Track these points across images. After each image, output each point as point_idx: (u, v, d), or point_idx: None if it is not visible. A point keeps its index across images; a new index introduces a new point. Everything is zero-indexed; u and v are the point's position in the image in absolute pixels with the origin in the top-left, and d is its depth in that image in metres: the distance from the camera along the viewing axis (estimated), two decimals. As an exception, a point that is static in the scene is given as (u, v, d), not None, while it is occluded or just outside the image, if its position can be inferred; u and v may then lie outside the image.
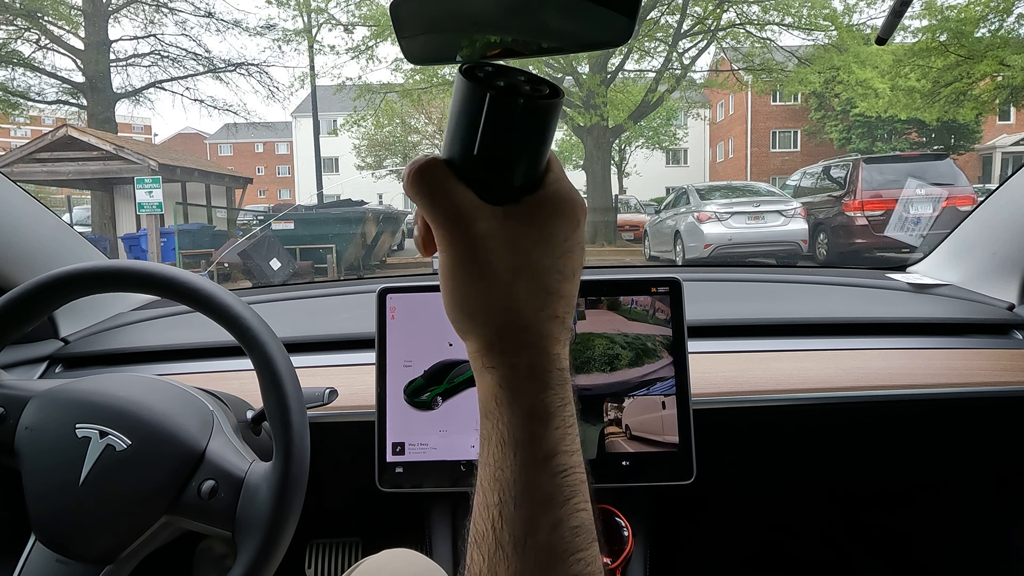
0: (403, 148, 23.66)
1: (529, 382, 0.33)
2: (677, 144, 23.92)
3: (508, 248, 0.33)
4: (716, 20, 12.79)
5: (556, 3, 0.32)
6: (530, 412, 0.32)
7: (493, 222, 0.33)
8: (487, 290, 0.33)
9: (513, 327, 0.33)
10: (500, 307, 0.33)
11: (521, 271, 0.33)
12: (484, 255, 0.33)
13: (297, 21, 13.82)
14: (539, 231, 0.34)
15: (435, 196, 0.33)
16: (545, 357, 0.34)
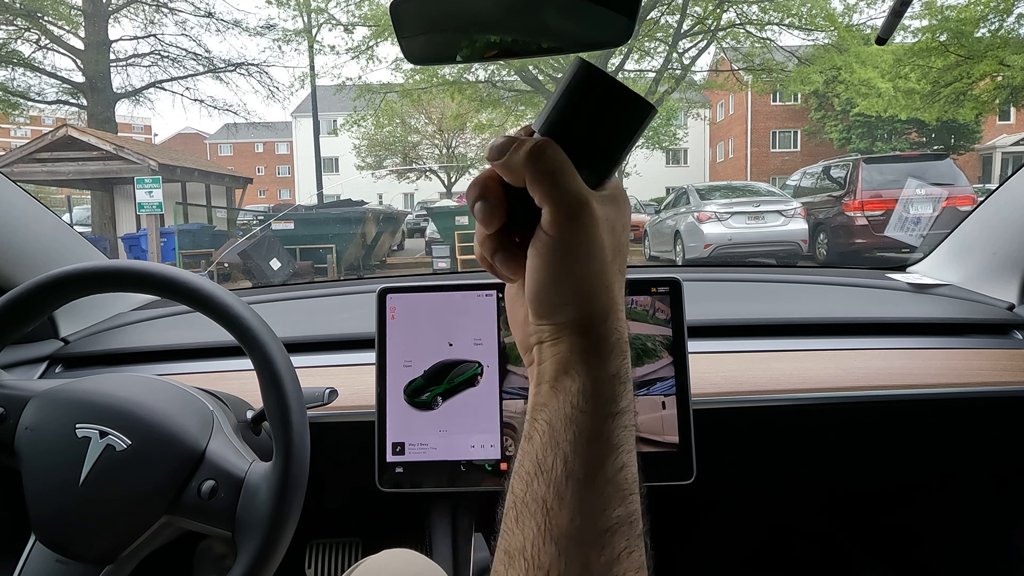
0: (403, 148, 23.67)
1: (617, 349, 0.37)
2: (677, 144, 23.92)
3: (610, 231, 0.37)
4: (716, 20, 12.79)
5: (556, 3, 0.32)
6: (615, 374, 0.37)
7: (602, 206, 0.37)
8: (596, 269, 0.36)
9: (607, 301, 0.37)
10: (601, 284, 0.37)
11: (617, 252, 0.38)
12: (600, 236, 0.36)
13: (297, 21, 13.84)
14: (622, 216, 0.38)
15: (562, 176, 0.35)
16: (622, 331, 0.38)
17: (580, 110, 0.35)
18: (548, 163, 0.35)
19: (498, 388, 0.86)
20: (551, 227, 0.36)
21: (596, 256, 0.36)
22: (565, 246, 0.36)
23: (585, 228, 0.36)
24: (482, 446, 0.85)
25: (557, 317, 0.37)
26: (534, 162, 0.35)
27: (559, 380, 0.36)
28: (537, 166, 0.35)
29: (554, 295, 0.37)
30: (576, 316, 0.37)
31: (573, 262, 0.36)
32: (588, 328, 0.37)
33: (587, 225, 0.36)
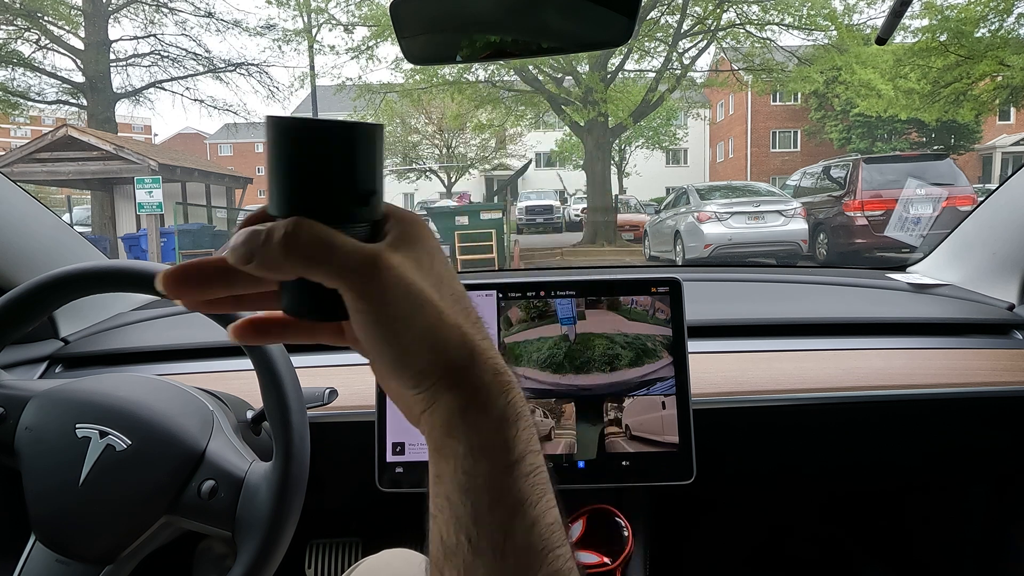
0: (403, 148, 23.67)
1: (496, 390, 0.33)
2: (677, 144, 23.95)
3: (418, 269, 0.32)
4: (716, 20, 12.79)
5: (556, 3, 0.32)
6: (500, 418, 0.33)
7: (393, 252, 0.32)
8: (427, 320, 0.32)
9: (462, 344, 0.33)
10: (444, 331, 0.32)
11: (442, 284, 0.33)
12: (410, 283, 0.32)
13: (297, 21, 13.84)
14: (423, 244, 0.34)
15: (331, 248, 0.30)
16: (496, 361, 0.34)
17: (297, 168, 0.30)
18: (309, 243, 0.30)
19: (498, 388, 0.85)
20: (354, 303, 0.31)
21: (418, 306, 0.32)
22: (379, 314, 0.31)
23: (388, 286, 0.31)
24: (482, 446, 0.85)
25: (418, 383, 0.33)
26: (294, 249, 0.30)
27: (446, 445, 0.33)
28: (300, 252, 0.30)
29: (399, 365, 0.33)
30: (436, 374, 0.33)
31: (397, 326, 0.32)
32: (454, 382, 0.33)
33: (388, 282, 0.31)
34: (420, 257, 0.33)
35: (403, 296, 0.31)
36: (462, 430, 0.33)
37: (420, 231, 0.34)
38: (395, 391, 0.35)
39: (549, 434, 0.84)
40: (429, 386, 0.33)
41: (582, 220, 14.78)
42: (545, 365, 0.85)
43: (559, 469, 0.84)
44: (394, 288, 0.31)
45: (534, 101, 13.65)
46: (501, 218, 9.75)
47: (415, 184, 25.64)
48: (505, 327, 0.87)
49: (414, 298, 0.32)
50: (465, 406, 0.33)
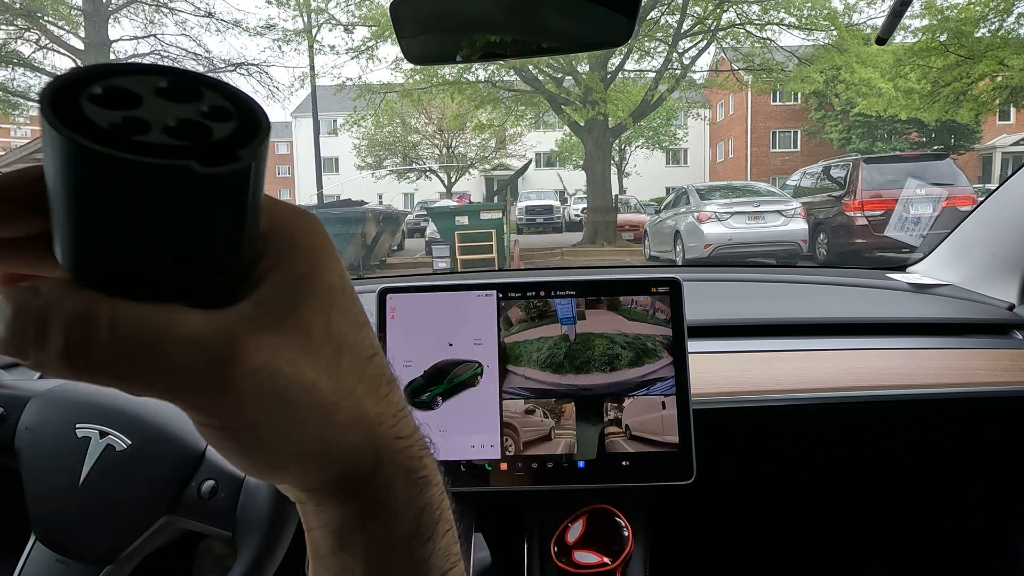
0: (403, 148, 23.68)
1: (407, 495, 0.25)
2: (677, 144, 23.95)
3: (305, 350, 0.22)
4: (716, 20, 12.79)
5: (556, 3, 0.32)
6: (411, 533, 0.25)
7: (255, 336, 0.20)
8: (313, 425, 0.22)
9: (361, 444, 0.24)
10: (338, 431, 0.23)
11: (336, 362, 0.23)
12: (288, 386, 0.21)
13: (297, 21, 13.84)
14: (314, 292, 0.22)
15: (151, 354, 0.19)
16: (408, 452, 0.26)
17: (100, 207, 0.17)
18: (111, 346, 0.18)
19: (498, 388, 0.86)
20: (196, 420, 0.21)
21: (298, 413, 0.22)
22: (237, 433, 0.21)
23: (248, 396, 0.20)
24: (482, 446, 0.85)
25: (300, 486, 0.25)
26: (84, 358, 0.18)
27: (336, 560, 0.25)
28: (97, 362, 0.18)
29: (270, 476, 0.24)
30: (323, 488, 0.24)
31: (265, 444, 0.22)
32: (352, 492, 0.24)
33: (248, 390, 0.20)
34: (310, 321, 0.22)
35: (276, 406, 0.21)
36: (359, 548, 0.25)
37: (314, 263, 0.22)
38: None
39: (549, 434, 0.84)
40: (311, 491, 0.25)
41: (582, 220, 14.79)
42: (545, 365, 0.85)
43: (559, 469, 0.84)
44: (260, 398, 0.20)
45: (534, 101, 13.66)
46: (501, 218, 9.75)
47: (415, 184, 25.66)
48: (505, 327, 0.87)
49: (294, 404, 0.21)
50: (364, 519, 0.25)
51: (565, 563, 0.81)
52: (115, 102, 0.17)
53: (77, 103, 0.17)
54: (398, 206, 21.42)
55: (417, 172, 24.00)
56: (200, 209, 0.18)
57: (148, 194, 0.17)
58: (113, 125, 0.17)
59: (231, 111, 0.19)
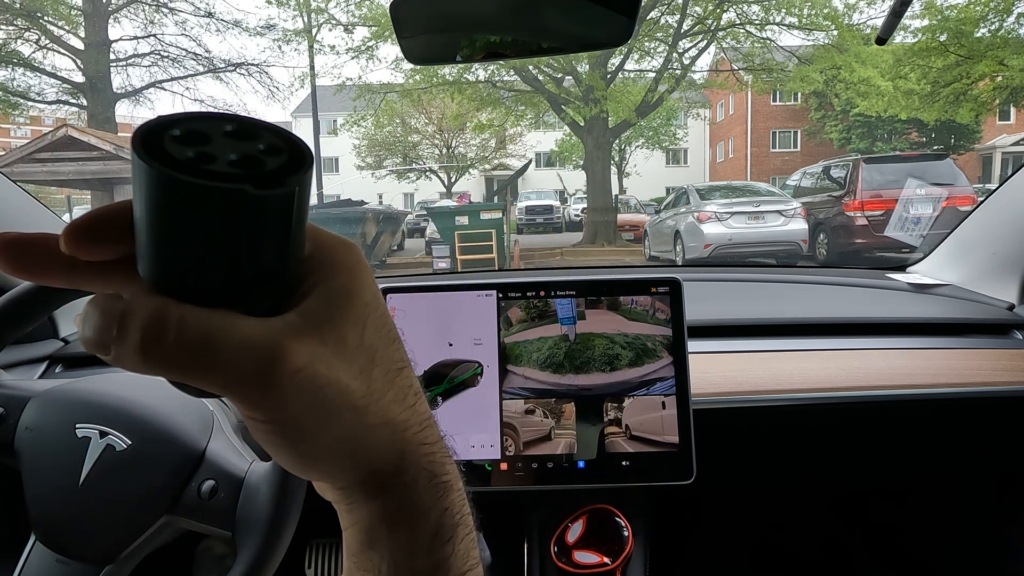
0: (403, 148, 23.68)
1: (429, 496, 0.28)
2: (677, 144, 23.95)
3: (341, 357, 0.25)
4: (716, 20, 12.79)
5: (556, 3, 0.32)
6: (433, 534, 0.27)
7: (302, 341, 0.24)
8: (346, 424, 0.25)
9: (389, 444, 0.27)
10: (368, 431, 0.26)
11: (368, 370, 0.26)
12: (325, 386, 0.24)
13: (297, 21, 13.84)
14: (351, 308, 0.26)
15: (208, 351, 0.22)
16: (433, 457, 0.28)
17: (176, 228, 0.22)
18: (177, 343, 0.22)
19: (498, 388, 0.86)
20: (244, 412, 0.24)
21: (334, 412, 0.25)
22: (279, 426, 0.24)
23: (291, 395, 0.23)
24: (482, 446, 0.85)
25: (332, 484, 0.28)
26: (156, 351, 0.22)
27: (365, 557, 0.28)
28: (165, 356, 0.22)
29: (306, 471, 0.27)
30: (354, 482, 0.27)
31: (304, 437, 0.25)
32: (378, 489, 0.27)
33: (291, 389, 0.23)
34: (346, 332, 0.25)
35: (313, 404, 0.24)
36: (385, 546, 0.27)
37: (352, 282, 0.26)
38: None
39: (549, 434, 0.84)
40: (343, 489, 0.28)
41: (582, 220, 14.78)
42: (545, 365, 0.85)
43: (559, 469, 0.84)
44: (300, 396, 0.24)
45: (534, 101, 13.65)
46: (501, 218, 9.75)
47: (415, 184, 25.66)
48: (505, 327, 0.87)
49: (329, 403, 0.24)
50: (390, 518, 0.27)
51: (565, 563, 0.81)
52: (190, 141, 0.22)
53: (161, 142, 0.21)
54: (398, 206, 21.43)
55: (417, 172, 24.00)
56: (253, 226, 0.22)
57: (212, 213, 0.21)
58: (188, 158, 0.21)
59: (283, 148, 0.23)
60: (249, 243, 0.22)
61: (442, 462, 0.29)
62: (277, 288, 0.25)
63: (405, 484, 0.27)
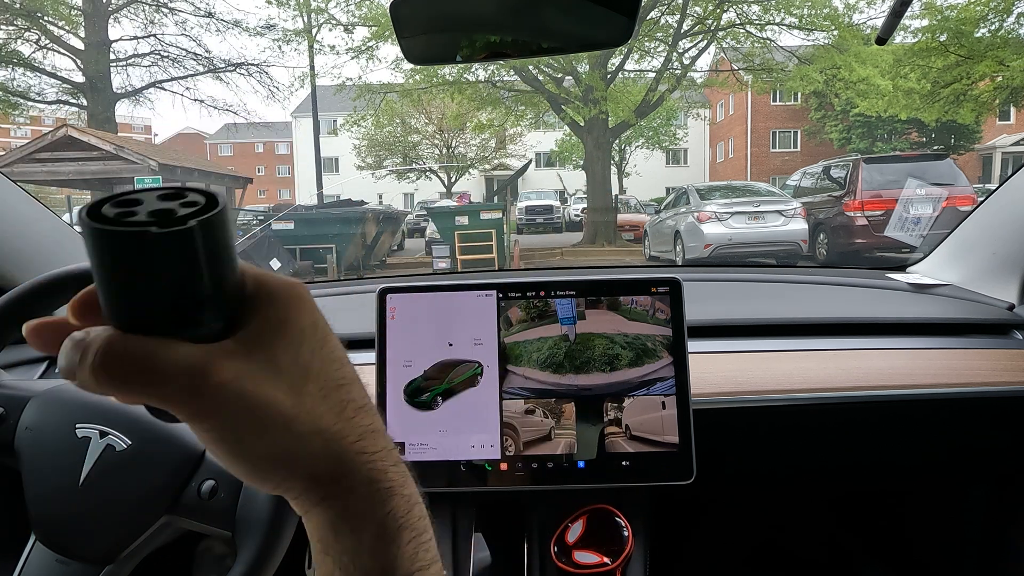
0: (403, 148, 23.68)
1: (370, 501, 0.30)
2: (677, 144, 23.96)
3: (268, 374, 0.28)
4: (716, 20, 12.79)
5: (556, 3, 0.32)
6: (376, 536, 0.30)
7: (231, 360, 0.28)
8: (275, 433, 0.28)
9: (323, 452, 0.29)
10: (298, 440, 0.29)
11: (299, 387, 0.29)
12: (250, 398, 0.28)
13: (297, 21, 13.84)
14: (284, 334, 0.29)
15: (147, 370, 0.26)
16: (373, 465, 0.30)
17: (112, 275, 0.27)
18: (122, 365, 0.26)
19: (498, 388, 0.86)
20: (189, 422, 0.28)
21: (260, 422, 0.28)
22: (216, 433, 0.28)
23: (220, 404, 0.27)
24: (482, 446, 0.85)
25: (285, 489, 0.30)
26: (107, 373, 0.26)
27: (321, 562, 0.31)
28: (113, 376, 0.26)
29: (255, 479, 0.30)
30: (297, 488, 0.30)
31: (240, 445, 0.28)
32: (321, 496, 0.30)
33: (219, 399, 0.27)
34: (276, 354, 0.29)
35: (240, 413, 0.27)
36: (334, 549, 0.30)
37: (288, 312, 0.29)
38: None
39: (549, 434, 0.84)
40: (295, 497, 0.30)
41: (582, 220, 14.78)
42: (545, 365, 0.85)
43: (559, 469, 0.84)
44: (228, 405, 0.27)
45: (534, 101, 13.65)
46: (501, 218, 9.76)
47: (415, 184, 25.66)
48: (505, 327, 0.87)
49: (255, 413, 0.28)
50: (334, 523, 0.30)
51: (565, 563, 0.81)
52: (121, 205, 0.27)
53: (99, 208, 0.27)
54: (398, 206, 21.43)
55: (417, 172, 24.00)
56: (167, 261, 0.26)
57: (134, 254, 0.26)
58: (113, 215, 0.26)
59: (199, 201, 0.27)
60: (168, 276, 0.26)
61: (383, 468, 0.31)
62: (213, 315, 0.28)
63: (345, 490, 0.30)
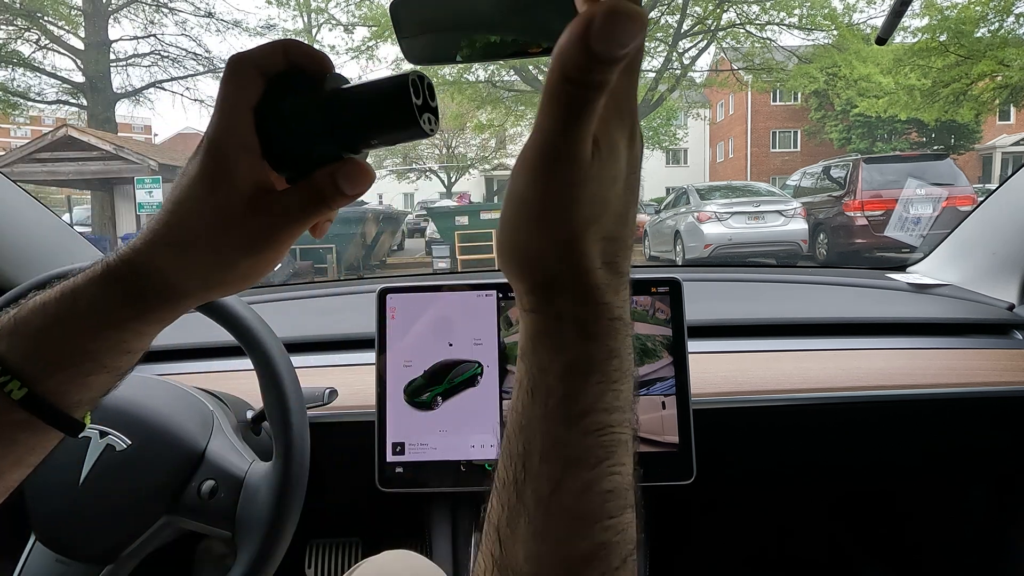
0: (403, 148, 23.67)
1: (573, 332, 0.29)
2: (677, 144, 23.93)
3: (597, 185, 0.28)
4: (716, 20, 12.79)
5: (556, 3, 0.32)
6: (570, 365, 0.29)
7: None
8: (561, 229, 0.28)
9: (566, 277, 0.29)
10: (565, 252, 0.29)
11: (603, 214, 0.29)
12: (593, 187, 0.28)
13: (297, 21, 13.86)
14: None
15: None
16: (596, 307, 0.29)
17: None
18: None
19: (498, 388, 0.86)
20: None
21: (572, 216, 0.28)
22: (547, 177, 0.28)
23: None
24: (482, 446, 0.85)
25: (514, 281, 0.31)
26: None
27: (518, 366, 0.31)
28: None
29: (509, 255, 0.30)
30: (528, 286, 0.30)
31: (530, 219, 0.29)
32: (539, 302, 0.30)
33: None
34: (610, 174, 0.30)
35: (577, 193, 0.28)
36: (529, 360, 0.30)
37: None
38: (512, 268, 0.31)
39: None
40: (518, 291, 0.31)
41: (582, 220, 14.73)
42: (545, 365, 0.85)
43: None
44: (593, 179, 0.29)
45: (534, 101, 13.62)
46: (501, 218, 9.73)
47: (415, 184, 25.65)
48: (505, 327, 0.87)
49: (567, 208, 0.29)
50: (538, 335, 0.30)
51: (565, 563, 0.81)
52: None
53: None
54: (398, 206, 21.42)
55: (417, 172, 23.98)
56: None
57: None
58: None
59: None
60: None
61: (619, 314, 0.30)
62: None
63: (557, 305, 0.29)
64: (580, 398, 0.29)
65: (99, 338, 0.34)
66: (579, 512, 0.28)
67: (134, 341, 0.35)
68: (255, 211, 0.33)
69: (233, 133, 0.33)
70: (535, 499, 0.28)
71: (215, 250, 0.33)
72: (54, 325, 0.34)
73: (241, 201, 0.33)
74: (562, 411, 0.29)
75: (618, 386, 0.30)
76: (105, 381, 0.36)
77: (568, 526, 0.28)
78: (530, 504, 0.28)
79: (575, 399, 0.29)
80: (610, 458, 0.29)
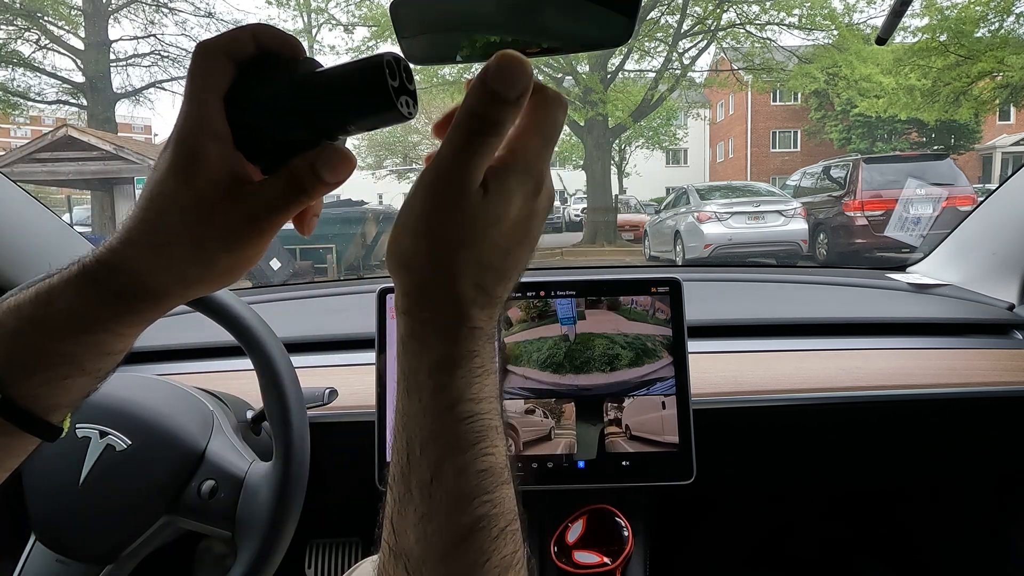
0: (403, 148, 23.67)
1: (436, 335, 0.32)
2: (677, 144, 23.91)
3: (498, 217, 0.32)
4: (716, 20, 12.79)
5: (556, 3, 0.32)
6: (436, 362, 0.32)
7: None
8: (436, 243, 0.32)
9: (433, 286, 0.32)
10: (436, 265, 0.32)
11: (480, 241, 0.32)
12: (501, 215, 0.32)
13: (297, 21, 13.83)
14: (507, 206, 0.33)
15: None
16: (458, 317, 0.33)
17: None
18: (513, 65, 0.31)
19: (498, 388, 0.85)
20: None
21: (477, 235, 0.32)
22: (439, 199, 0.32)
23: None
24: (482, 446, 0.85)
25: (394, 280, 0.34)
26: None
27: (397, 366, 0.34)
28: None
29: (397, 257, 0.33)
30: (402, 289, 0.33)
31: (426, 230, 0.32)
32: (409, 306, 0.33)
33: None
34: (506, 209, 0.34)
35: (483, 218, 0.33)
36: (402, 361, 0.33)
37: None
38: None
39: (549, 434, 0.84)
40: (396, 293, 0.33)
41: (582, 220, 14.76)
42: (545, 365, 0.85)
43: (559, 469, 0.84)
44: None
45: (533, 101, 13.62)
46: (501, 218, 9.72)
47: (415, 184, 25.60)
48: (505, 327, 0.87)
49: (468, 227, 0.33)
50: (408, 337, 0.33)
51: (565, 563, 0.81)
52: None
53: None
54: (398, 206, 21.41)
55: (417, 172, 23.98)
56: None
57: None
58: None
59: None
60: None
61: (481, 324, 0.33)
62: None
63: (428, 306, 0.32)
64: (449, 390, 0.32)
65: (76, 341, 0.34)
66: (458, 492, 0.31)
67: (113, 343, 0.35)
68: (232, 203, 0.32)
69: (203, 123, 0.32)
70: (419, 486, 0.31)
71: (192, 245, 0.33)
72: (29, 327, 0.33)
73: (216, 193, 0.32)
74: (434, 404, 0.32)
75: (482, 380, 0.33)
76: (84, 384, 0.35)
77: (449, 505, 0.31)
78: (415, 491, 0.31)
79: (444, 391, 0.32)
80: (481, 442, 0.32)
